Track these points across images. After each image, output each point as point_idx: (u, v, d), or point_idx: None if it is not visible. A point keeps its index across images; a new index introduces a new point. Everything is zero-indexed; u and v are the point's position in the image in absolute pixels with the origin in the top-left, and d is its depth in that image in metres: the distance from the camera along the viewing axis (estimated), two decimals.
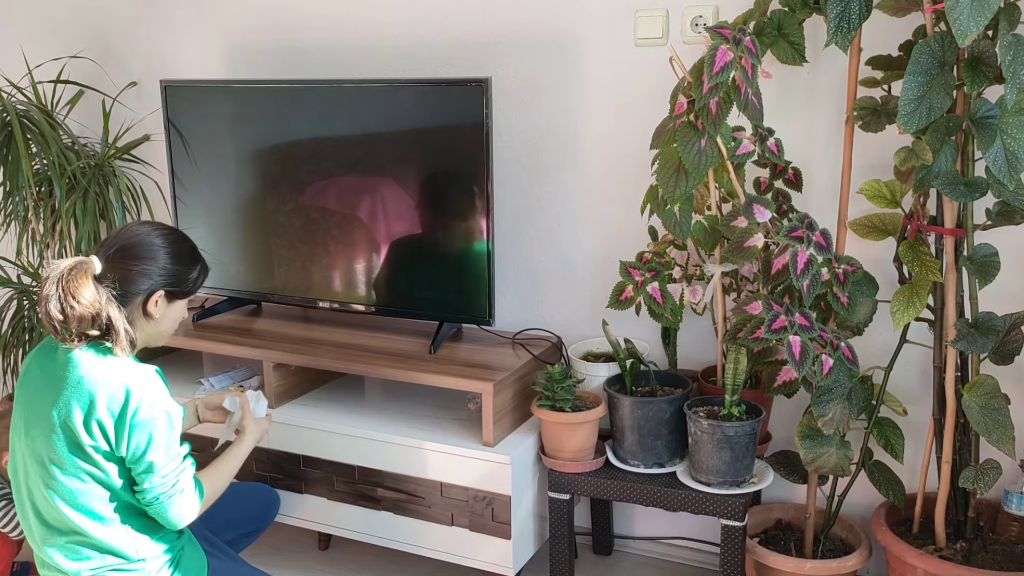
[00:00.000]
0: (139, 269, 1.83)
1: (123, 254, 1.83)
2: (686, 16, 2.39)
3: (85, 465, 1.78)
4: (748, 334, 2.00)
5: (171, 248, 1.88)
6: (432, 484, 2.35)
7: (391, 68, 2.77)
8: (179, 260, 1.89)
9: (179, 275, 1.89)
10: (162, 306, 1.88)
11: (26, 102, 3.03)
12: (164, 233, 1.90)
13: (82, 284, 1.75)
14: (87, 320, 1.76)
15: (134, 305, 1.84)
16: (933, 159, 1.86)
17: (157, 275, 1.85)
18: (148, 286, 1.84)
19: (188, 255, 1.93)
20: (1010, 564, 2.07)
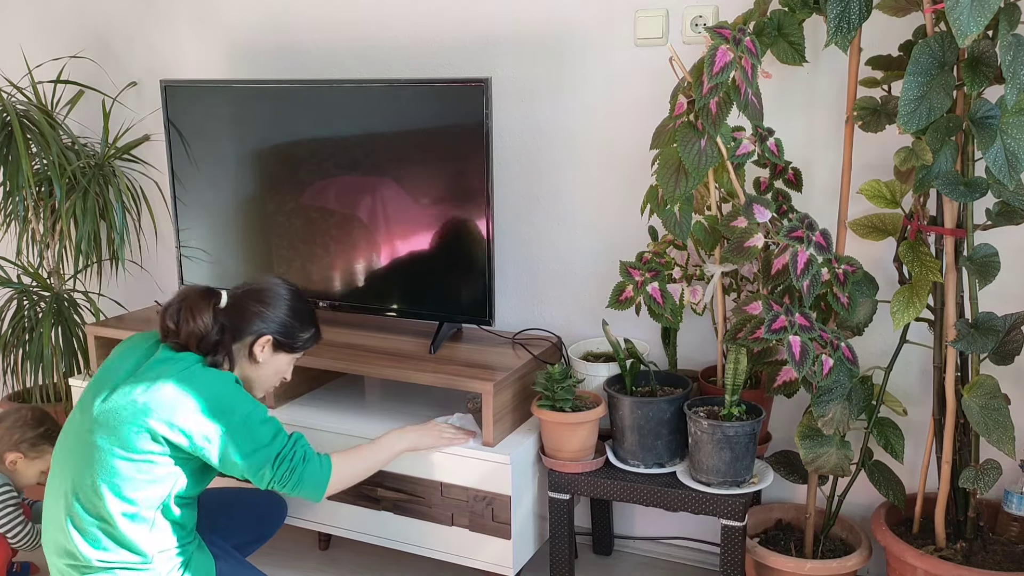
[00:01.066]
0: (256, 311, 2.00)
1: (248, 295, 2.03)
2: (686, 16, 2.39)
3: (152, 458, 1.86)
4: (748, 334, 2.00)
5: (292, 303, 2.05)
6: (432, 484, 2.35)
7: (391, 68, 2.77)
8: (295, 316, 2.05)
9: (291, 329, 2.04)
10: (267, 352, 2.03)
11: (26, 102, 3.03)
12: (292, 290, 2.07)
13: (204, 309, 1.95)
14: (194, 338, 1.93)
15: (243, 343, 2.00)
16: (933, 159, 1.86)
17: (271, 321, 2.01)
18: (259, 328, 2.00)
19: (306, 315, 2.08)
20: (1010, 564, 2.07)
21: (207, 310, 1.95)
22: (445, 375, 2.35)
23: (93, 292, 3.20)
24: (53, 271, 3.12)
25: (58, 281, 3.13)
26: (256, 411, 1.93)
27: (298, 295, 2.08)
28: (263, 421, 1.93)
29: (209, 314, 1.94)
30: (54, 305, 3.03)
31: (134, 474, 1.85)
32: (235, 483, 2.21)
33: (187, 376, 1.88)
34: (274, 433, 1.94)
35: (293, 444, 1.96)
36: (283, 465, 1.93)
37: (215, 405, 1.87)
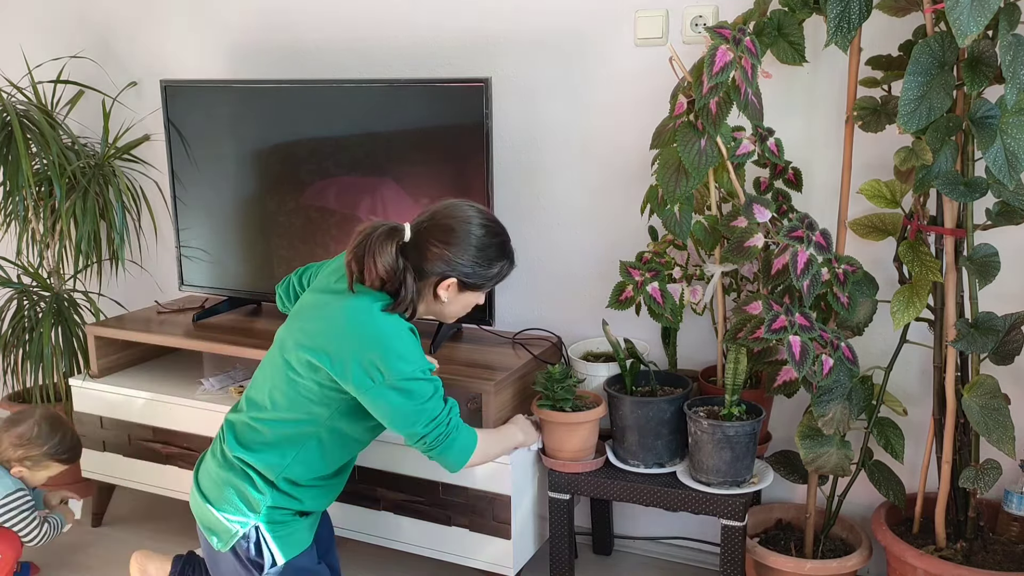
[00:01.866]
0: (438, 252, 1.88)
1: (433, 231, 1.90)
2: (686, 16, 2.39)
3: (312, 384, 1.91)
4: (748, 334, 2.00)
5: (482, 242, 1.91)
6: (432, 484, 2.35)
7: (391, 68, 2.77)
8: (483, 255, 1.92)
9: (478, 270, 1.93)
10: (452, 292, 1.94)
11: (26, 102, 3.04)
12: (484, 224, 1.93)
13: (387, 250, 1.86)
14: (377, 280, 1.88)
15: (428, 282, 1.92)
16: (933, 159, 1.86)
17: (455, 263, 1.89)
18: (442, 271, 1.90)
19: (495, 251, 1.95)
20: (1010, 564, 2.07)
21: (390, 251, 1.86)
22: (445, 375, 2.34)
23: (93, 292, 3.20)
24: (53, 271, 3.12)
25: (58, 281, 3.13)
26: (420, 366, 1.89)
27: (489, 229, 1.94)
28: (426, 379, 1.89)
29: (392, 255, 1.86)
30: (54, 305, 3.03)
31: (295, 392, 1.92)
32: None
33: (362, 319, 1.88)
34: (433, 393, 1.90)
35: (449, 410, 1.93)
36: (438, 428, 1.90)
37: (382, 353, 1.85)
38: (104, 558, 2.76)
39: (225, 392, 2.66)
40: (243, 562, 1.99)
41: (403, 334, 1.90)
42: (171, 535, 2.86)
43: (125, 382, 2.77)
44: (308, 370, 1.91)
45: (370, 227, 1.90)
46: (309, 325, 1.96)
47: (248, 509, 1.97)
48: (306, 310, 2.01)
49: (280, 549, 2.00)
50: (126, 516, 3.01)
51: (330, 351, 1.88)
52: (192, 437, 2.64)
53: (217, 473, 2.00)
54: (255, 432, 1.98)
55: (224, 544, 1.99)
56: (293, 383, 1.93)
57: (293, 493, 1.99)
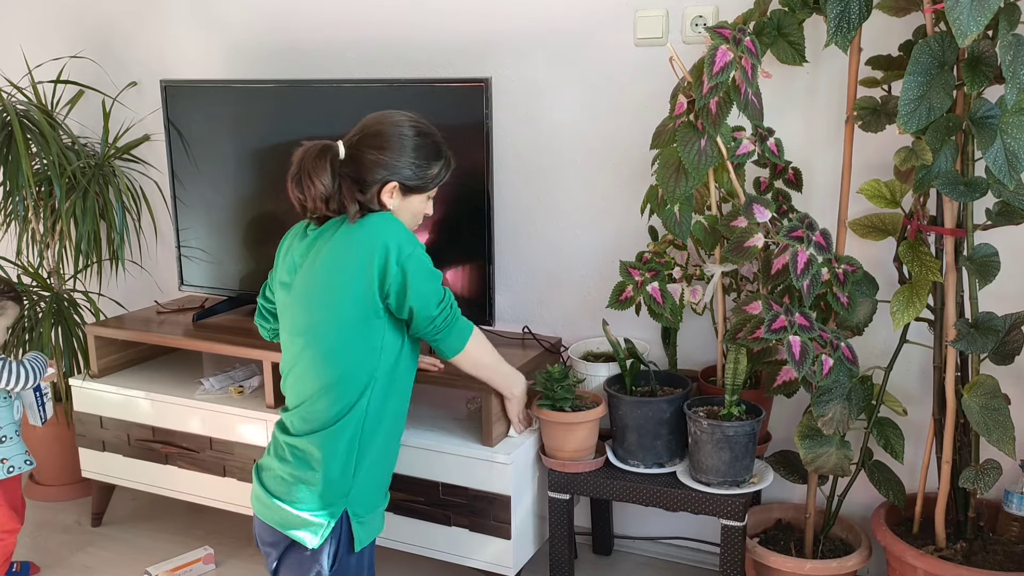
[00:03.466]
0: (374, 159, 1.87)
1: (368, 140, 1.88)
2: (686, 16, 2.39)
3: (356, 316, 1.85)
4: (748, 334, 2.00)
5: (416, 142, 1.90)
6: (432, 484, 2.35)
7: (391, 68, 2.77)
8: (419, 155, 1.90)
9: (417, 171, 1.90)
10: (396, 198, 1.91)
11: (26, 102, 3.04)
12: (415, 126, 1.92)
13: (322, 169, 1.84)
14: (321, 201, 1.85)
15: (372, 192, 1.88)
16: (933, 159, 1.86)
17: (393, 167, 1.87)
18: (382, 176, 1.87)
19: (431, 150, 1.93)
20: (1010, 564, 2.07)
21: (325, 169, 1.84)
22: (445, 375, 2.35)
23: (93, 292, 3.20)
24: (53, 271, 3.12)
25: (58, 281, 3.13)
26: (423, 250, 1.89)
27: (420, 130, 1.92)
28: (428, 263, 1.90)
29: (327, 172, 1.84)
30: (54, 305, 3.03)
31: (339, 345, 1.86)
32: None
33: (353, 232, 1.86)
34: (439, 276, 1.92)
35: (446, 293, 1.94)
36: (445, 310, 1.92)
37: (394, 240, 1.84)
38: (104, 558, 2.76)
39: (225, 392, 2.66)
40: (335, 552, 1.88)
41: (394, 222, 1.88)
42: (171, 535, 2.86)
43: (125, 382, 2.77)
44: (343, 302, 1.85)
45: (301, 151, 1.89)
46: (315, 272, 1.89)
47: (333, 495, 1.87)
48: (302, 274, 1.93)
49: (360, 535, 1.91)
50: (126, 516, 3.01)
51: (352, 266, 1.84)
52: (192, 437, 2.64)
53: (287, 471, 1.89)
54: (313, 418, 1.89)
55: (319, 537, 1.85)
56: (331, 337, 1.86)
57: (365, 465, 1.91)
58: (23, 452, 2.50)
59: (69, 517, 3.02)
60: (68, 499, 3.12)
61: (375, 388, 1.89)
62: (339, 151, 1.88)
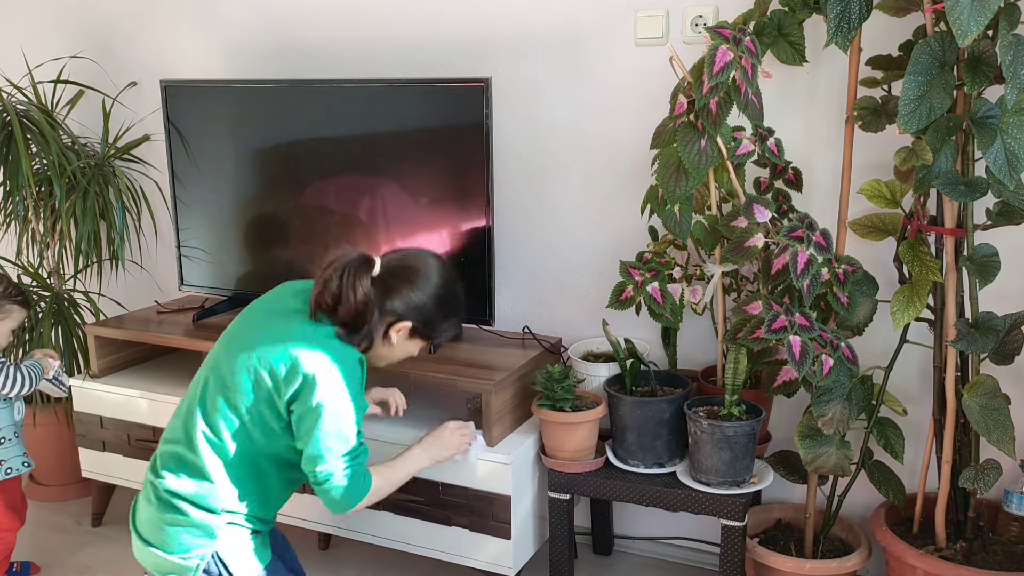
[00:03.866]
0: (402, 291, 1.87)
1: (400, 271, 1.88)
2: (686, 16, 2.39)
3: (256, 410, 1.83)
4: (748, 334, 2.00)
5: (442, 291, 1.91)
6: (432, 484, 2.35)
7: (391, 68, 2.77)
8: (441, 305, 1.92)
9: (433, 319, 1.92)
10: (403, 336, 1.92)
11: (26, 102, 3.03)
12: (446, 277, 1.93)
13: (363, 281, 1.82)
14: (351, 313, 1.82)
15: (384, 320, 1.88)
16: (933, 159, 1.86)
17: (414, 307, 1.88)
18: (401, 312, 1.88)
19: (452, 306, 1.95)
20: (1010, 564, 2.07)
21: (366, 282, 1.83)
22: (445, 375, 2.35)
23: (93, 292, 3.20)
24: (53, 271, 3.12)
25: (58, 281, 3.13)
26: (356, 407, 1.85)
27: (449, 282, 1.94)
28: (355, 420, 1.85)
29: (368, 286, 1.83)
30: (54, 305, 3.03)
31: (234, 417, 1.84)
32: None
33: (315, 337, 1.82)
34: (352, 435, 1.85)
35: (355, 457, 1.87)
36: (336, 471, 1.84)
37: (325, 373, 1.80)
38: (104, 558, 2.76)
39: None
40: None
41: (352, 362, 1.85)
42: None
43: (125, 382, 2.77)
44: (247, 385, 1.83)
45: (345, 257, 1.86)
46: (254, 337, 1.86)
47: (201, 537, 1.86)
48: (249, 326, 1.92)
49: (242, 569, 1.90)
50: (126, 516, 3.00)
51: (274, 363, 1.80)
52: None
53: (156, 515, 1.88)
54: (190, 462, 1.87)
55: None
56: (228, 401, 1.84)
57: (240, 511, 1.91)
58: (21, 454, 2.50)
59: (69, 517, 3.02)
60: (68, 499, 3.12)
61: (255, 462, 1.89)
62: (377, 265, 1.87)
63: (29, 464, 2.52)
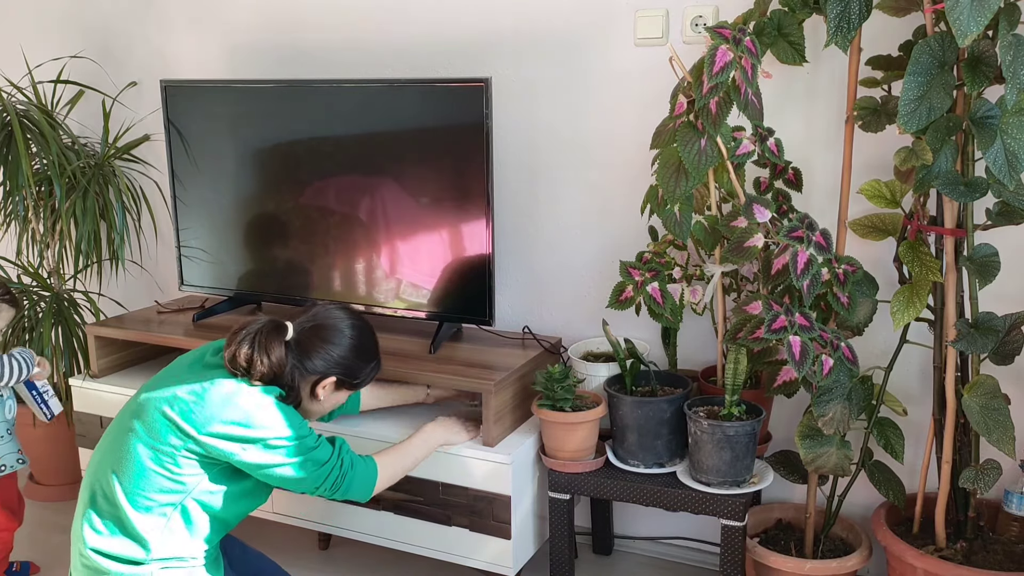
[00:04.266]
0: (320, 350, 1.95)
1: (315, 332, 1.96)
2: (686, 16, 2.39)
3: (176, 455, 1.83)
4: (748, 334, 2.00)
5: (356, 342, 1.99)
6: (432, 484, 2.35)
7: (391, 68, 2.77)
8: (359, 354, 2.00)
9: (354, 368, 2.00)
10: (329, 390, 2.00)
11: (26, 102, 3.03)
12: (356, 326, 2.01)
13: (276, 345, 1.89)
14: (268, 376, 1.89)
15: (306, 382, 1.96)
16: (933, 159, 1.86)
17: (335, 362, 1.96)
18: (324, 369, 1.96)
19: (368, 352, 2.03)
20: (1010, 564, 2.07)
21: (279, 345, 1.90)
22: (445, 375, 2.35)
23: (93, 292, 3.20)
24: (53, 271, 3.12)
25: (58, 281, 3.13)
26: (298, 425, 1.90)
27: (363, 330, 2.03)
28: (306, 434, 1.91)
29: (282, 350, 1.90)
30: (54, 305, 3.03)
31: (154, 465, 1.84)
32: None
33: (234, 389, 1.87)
34: (315, 444, 1.92)
35: (339, 452, 1.96)
36: (332, 474, 1.94)
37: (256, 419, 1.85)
38: None
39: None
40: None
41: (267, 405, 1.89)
42: None
43: (125, 382, 2.77)
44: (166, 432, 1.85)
45: (253, 324, 1.92)
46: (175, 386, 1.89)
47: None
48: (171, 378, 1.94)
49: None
50: None
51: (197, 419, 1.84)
52: None
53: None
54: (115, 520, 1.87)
55: None
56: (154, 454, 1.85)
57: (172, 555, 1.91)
58: (15, 451, 2.49)
59: (69, 517, 3.01)
60: (68, 499, 3.12)
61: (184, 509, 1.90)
62: (290, 331, 1.94)
63: (23, 461, 2.51)
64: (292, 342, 1.93)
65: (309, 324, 1.97)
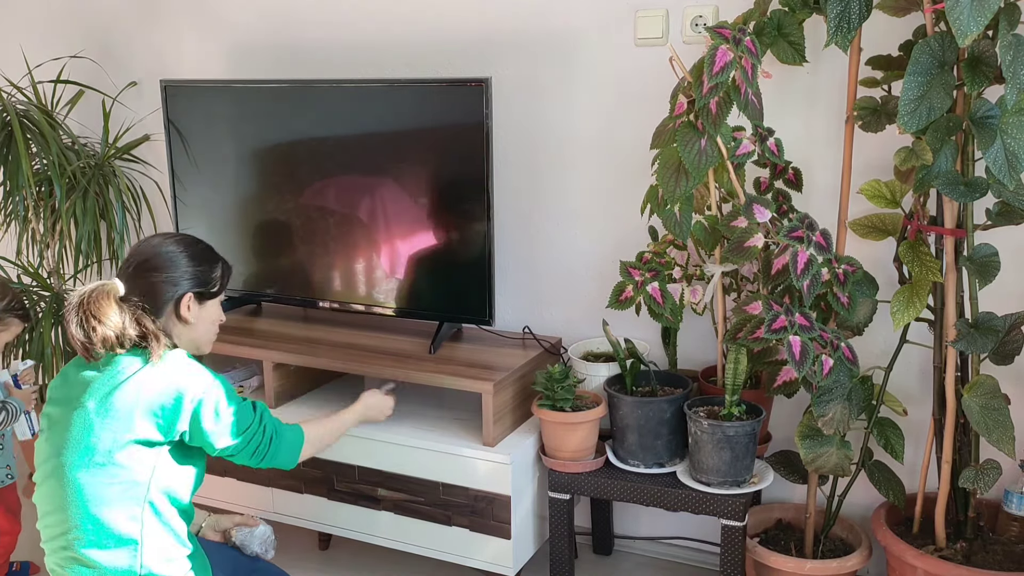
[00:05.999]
0: (162, 278, 1.85)
1: (143, 268, 1.86)
2: (686, 16, 2.39)
3: (119, 459, 1.76)
4: (748, 334, 2.00)
5: (188, 251, 1.90)
6: (432, 484, 2.35)
7: (391, 68, 2.77)
8: (199, 261, 1.91)
9: (202, 275, 1.91)
10: (194, 309, 1.89)
11: (26, 102, 3.03)
12: (177, 239, 1.93)
13: (105, 306, 1.77)
14: (111, 340, 1.77)
15: (167, 314, 1.86)
16: (933, 159, 1.86)
17: (182, 279, 1.87)
18: (175, 292, 1.86)
19: (206, 254, 1.95)
20: (1010, 564, 2.07)
21: (109, 305, 1.78)
22: (445, 375, 2.35)
23: None
24: (53, 271, 3.12)
25: (58, 281, 3.13)
26: (216, 387, 1.83)
27: (186, 240, 1.94)
28: (229, 397, 1.85)
29: (113, 309, 1.78)
30: (54, 305, 3.03)
31: (106, 481, 1.76)
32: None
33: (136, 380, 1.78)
34: (239, 408, 1.86)
35: (260, 419, 1.89)
36: (254, 439, 1.87)
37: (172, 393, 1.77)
38: None
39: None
40: None
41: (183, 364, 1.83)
42: None
43: None
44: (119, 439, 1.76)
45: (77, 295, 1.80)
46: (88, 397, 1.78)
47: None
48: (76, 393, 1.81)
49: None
50: None
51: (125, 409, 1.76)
52: None
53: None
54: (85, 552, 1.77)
55: None
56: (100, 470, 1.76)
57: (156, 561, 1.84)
58: (3, 466, 2.50)
59: None
60: None
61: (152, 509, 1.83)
62: (118, 288, 1.82)
63: (12, 476, 2.52)
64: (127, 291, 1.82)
65: (131, 267, 1.87)
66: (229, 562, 2.09)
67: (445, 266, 2.55)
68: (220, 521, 2.15)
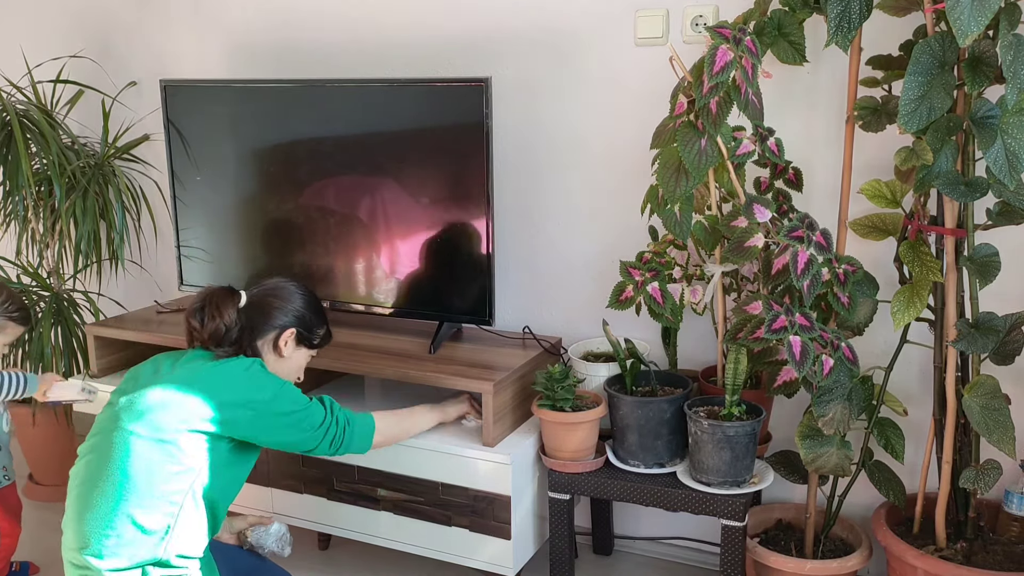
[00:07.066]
0: (276, 305, 2.06)
1: (267, 292, 2.09)
2: (686, 16, 2.39)
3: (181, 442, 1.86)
4: (748, 334, 2.00)
5: (307, 298, 2.12)
6: (432, 484, 2.35)
7: (391, 68, 2.77)
8: (312, 309, 2.12)
9: (310, 322, 2.10)
10: (291, 346, 2.08)
11: (26, 102, 3.03)
12: (304, 287, 2.16)
13: (228, 306, 2.01)
14: (219, 334, 1.98)
15: (268, 339, 2.05)
16: (933, 159, 1.86)
17: (291, 314, 2.07)
18: (282, 322, 2.06)
19: (319, 309, 2.15)
20: (1011, 564, 2.07)
21: (230, 307, 2.01)
22: (445, 375, 2.35)
23: (93, 292, 3.20)
24: (53, 271, 3.12)
25: (58, 281, 3.13)
26: (286, 386, 1.99)
27: (312, 294, 2.15)
28: (296, 395, 1.99)
29: (233, 310, 2.01)
30: (54, 305, 3.03)
31: (159, 458, 1.84)
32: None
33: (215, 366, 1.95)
34: (307, 403, 2.00)
35: (331, 410, 2.04)
36: (330, 431, 2.02)
37: (245, 388, 1.93)
38: None
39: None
40: None
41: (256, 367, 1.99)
42: None
43: None
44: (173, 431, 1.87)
45: (207, 289, 2.06)
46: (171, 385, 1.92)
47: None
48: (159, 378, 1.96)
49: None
50: None
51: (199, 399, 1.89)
52: None
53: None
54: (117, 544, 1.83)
55: None
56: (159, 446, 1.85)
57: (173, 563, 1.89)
58: (0, 467, 2.50)
59: None
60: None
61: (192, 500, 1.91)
62: (243, 297, 2.06)
63: (9, 478, 2.52)
64: (247, 304, 2.04)
65: (259, 287, 2.10)
66: (230, 562, 2.10)
67: (445, 266, 2.55)
68: (234, 523, 2.24)
